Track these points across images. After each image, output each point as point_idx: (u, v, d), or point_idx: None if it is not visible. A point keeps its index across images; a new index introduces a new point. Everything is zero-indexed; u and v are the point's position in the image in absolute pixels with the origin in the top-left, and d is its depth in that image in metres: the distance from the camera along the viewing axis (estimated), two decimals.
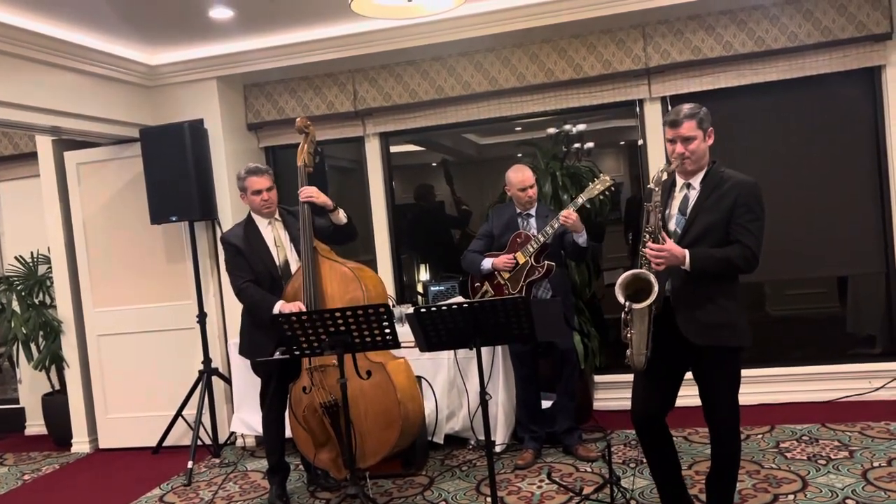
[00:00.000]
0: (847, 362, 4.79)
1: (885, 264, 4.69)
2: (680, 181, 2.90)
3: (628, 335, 2.77)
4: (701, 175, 2.85)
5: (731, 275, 2.83)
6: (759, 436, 4.18)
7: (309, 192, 3.76)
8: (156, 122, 5.07)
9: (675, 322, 2.81)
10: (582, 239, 3.97)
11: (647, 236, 2.76)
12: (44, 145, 5.27)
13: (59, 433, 5.51)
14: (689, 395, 3.02)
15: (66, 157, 5.25)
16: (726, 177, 2.83)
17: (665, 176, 2.80)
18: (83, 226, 5.24)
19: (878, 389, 4.63)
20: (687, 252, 2.73)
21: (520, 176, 4.16)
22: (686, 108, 2.83)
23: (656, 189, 2.75)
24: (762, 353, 4.90)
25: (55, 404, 5.53)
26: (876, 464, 3.64)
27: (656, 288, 2.68)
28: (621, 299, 2.71)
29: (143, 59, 4.95)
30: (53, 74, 4.39)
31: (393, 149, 5.57)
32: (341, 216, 3.83)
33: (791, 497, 3.36)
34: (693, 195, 2.85)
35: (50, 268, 5.50)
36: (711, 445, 2.96)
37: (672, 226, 2.87)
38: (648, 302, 2.68)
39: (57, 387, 5.65)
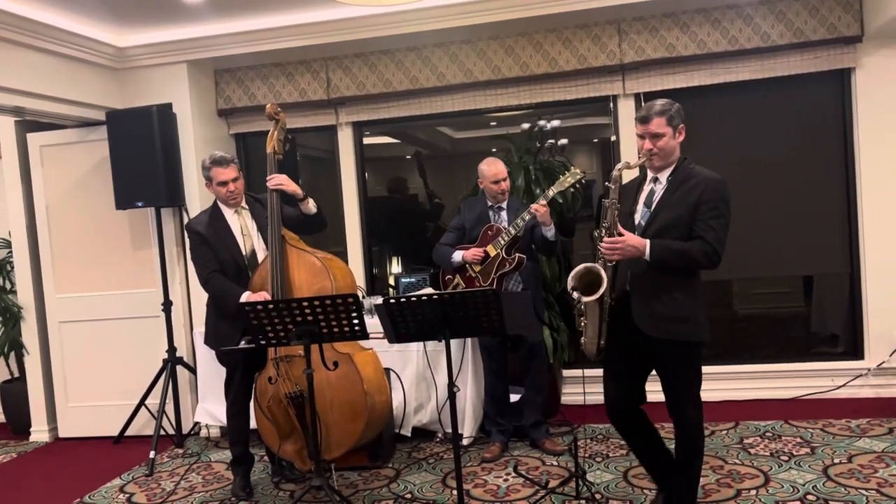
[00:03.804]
0: (810, 360, 4.86)
1: (849, 264, 4.77)
2: (649, 175, 2.94)
3: (582, 324, 2.84)
4: (669, 170, 2.88)
5: (690, 269, 2.85)
6: (724, 432, 4.22)
7: (279, 180, 3.70)
8: (123, 105, 4.96)
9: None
10: (550, 233, 3.97)
11: (604, 231, 2.81)
12: (6, 126, 5.13)
13: (17, 421, 5.39)
14: (652, 390, 3.03)
15: (30, 139, 5.11)
16: (694, 173, 2.85)
17: (621, 174, 2.84)
18: (46, 210, 5.12)
19: (839, 387, 4.71)
20: (647, 242, 2.77)
21: (493, 169, 4.16)
22: (658, 104, 2.86)
23: (613, 187, 2.81)
24: (728, 350, 4.96)
25: (14, 392, 5.41)
26: (836, 460, 3.70)
27: (605, 282, 2.74)
28: (572, 292, 2.79)
29: (111, 40, 4.83)
30: (18, 53, 4.26)
31: (367, 140, 5.52)
32: (311, 206, 3.78)
33: (753, 492, 3.40)
34: (659, 189, 2.89)
35: (11, 252, 5.37)
36: (675, 440, 2.99)
37: (637, 218, 2.91)
38: (596, 296, 2.75)
39: (16, 374, 5.53)
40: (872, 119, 4.58)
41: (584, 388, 4.87)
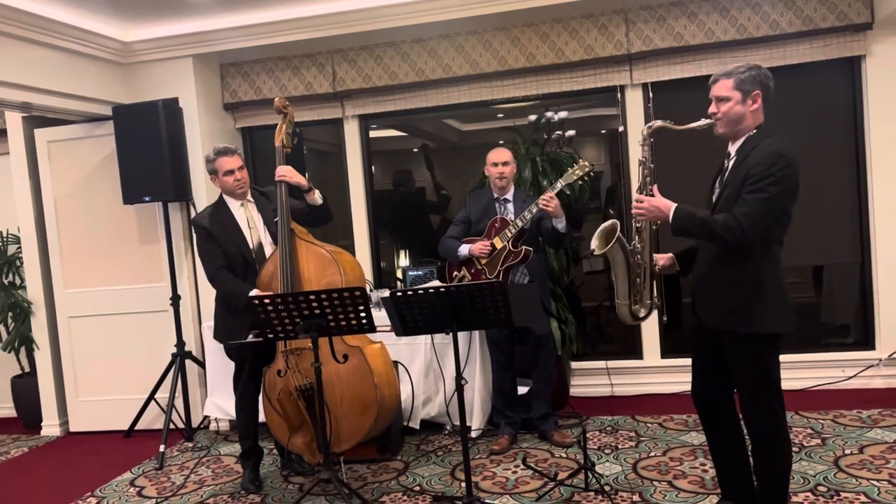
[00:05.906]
0: (821, 351, 4.83)
1: (860, 254, 4.73)
2: (729, 148, 2.72)
3: (615, 285, 2.81)
4: (740, 142, 2.64)
5: (711, 240, 2.61)
6: None
7: (282, 172, 3.70)
8: (129, 100, 4.97)
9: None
10: (561, 224, 3.96)
11: (640, 191, 2.75)
12: (13, 122, 5.14)
13: (28, 416, 5.42)
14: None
15: (37, 135, 5.13)
16: (760, 146, 2.57)
17: (653, 131, 2.75)
18: (54, 205, 5.14)
19: (850, 378, 4.68)
20: (673, 206, 2.63)
21: (494, 153, 4.21)
22: (731, 66, 2.63)
23: (645, 146, 2.75)
24: None
25: (25, 387, 5.45)
26: (847, 451, 3.68)
27: (617, 234, 2.72)
28: (594, 247, 2.81)
29: (117, 35, 4.83)
30: (24, 49, 4.26)
31: (373, 134, 5.50)
32: (316, 197, 3.77)
33: None
34: (729, 164, 2.68)
35: (20, 248, 5.39)
36: (752, 454, 2.80)
37: (714, 198, 2.73)
38: (609, 246, 2.74)
39: (27, 369, 5.57)
40: (883, 107, 4.53)
41: (595, 380, 4.86)
